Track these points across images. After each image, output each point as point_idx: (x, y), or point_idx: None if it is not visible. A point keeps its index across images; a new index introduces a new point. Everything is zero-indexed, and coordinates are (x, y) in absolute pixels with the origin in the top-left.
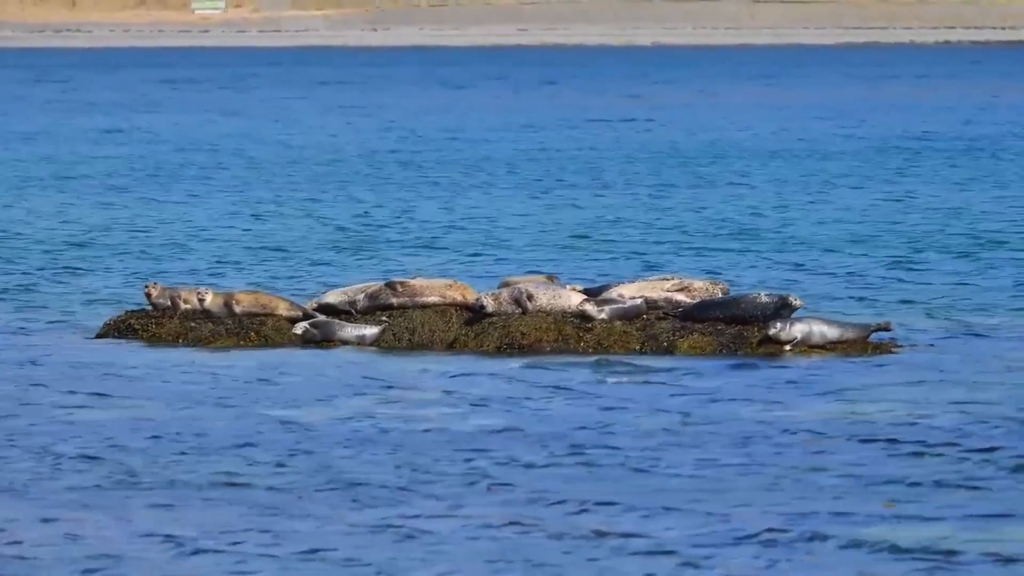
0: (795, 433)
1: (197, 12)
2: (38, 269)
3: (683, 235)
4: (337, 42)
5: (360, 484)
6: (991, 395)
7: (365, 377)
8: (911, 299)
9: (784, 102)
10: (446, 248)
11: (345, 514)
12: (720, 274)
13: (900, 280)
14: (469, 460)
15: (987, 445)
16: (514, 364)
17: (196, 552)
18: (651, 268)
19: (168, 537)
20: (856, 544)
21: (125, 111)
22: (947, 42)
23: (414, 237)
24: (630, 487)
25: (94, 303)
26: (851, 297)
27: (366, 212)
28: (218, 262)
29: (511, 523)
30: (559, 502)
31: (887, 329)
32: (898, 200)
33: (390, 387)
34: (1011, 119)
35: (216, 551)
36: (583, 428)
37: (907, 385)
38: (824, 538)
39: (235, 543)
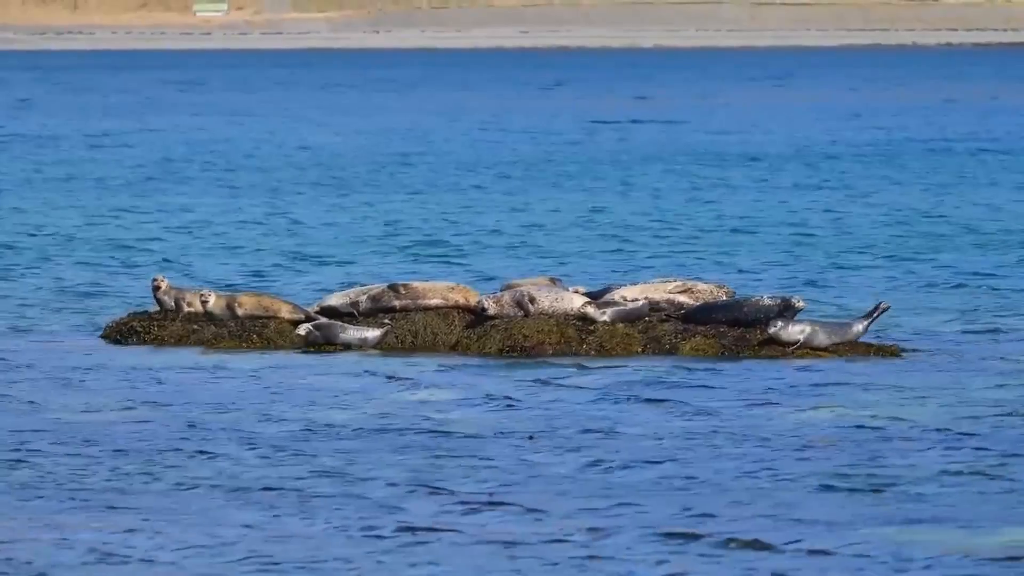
0: (790, 435)
1: (199, 14)
2: (40, 270)
3: (686, 237)
4: (339, 44)
5: (301, 490)
6: (993, 399)
7: (361, 380)
8: (914, 302)
9: (786, 103)
10: (447, 250)
11: (292, 518)
12: (722, 275)
13: (903, 282)
14: (439, 462)
15: (983, 446)
16: (513, 366)
17: (127, 557)
18: (654, 270)
19: (105, 543)
20: (848, 546)
21: (128, 113)
22: (949, 44)
23: (415, 239)
24: (616, 489)
25: (95, 304)
26: (853, 300)
27: (367, 213)
28: (219, 264)
29: (454, 529)
30: (515, 504)
31: (885, 309)
32: (897, 202)
33: (386, 390)
34: (1013, 121)
35: (141, 556)
36: (573, 430)
37: (908, 388)
38: (813, 541)
39: (177, 548)
